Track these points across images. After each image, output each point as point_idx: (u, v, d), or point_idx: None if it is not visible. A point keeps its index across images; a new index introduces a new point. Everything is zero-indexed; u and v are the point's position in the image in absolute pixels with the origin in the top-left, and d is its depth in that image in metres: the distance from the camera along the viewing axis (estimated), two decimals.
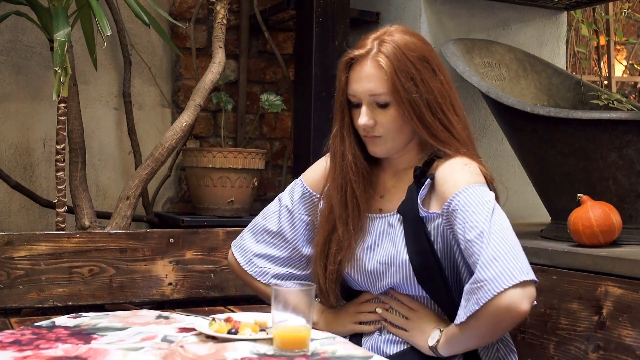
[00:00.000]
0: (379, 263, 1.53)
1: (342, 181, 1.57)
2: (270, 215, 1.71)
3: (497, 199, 1.49)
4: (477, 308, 1.32)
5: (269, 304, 1.39)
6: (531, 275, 1.32)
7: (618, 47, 4.13)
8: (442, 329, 1.47)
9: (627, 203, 2.01)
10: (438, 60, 1.55)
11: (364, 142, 1.57)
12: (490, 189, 1.47)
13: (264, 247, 1.69)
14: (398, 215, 1.53)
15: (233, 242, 1.75)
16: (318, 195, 1.65)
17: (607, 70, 3.99)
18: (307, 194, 1.67)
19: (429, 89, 1.49)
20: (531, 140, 2.14)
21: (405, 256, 1.49)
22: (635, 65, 4.21)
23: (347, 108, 1.56)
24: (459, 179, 1.45)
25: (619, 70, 4.12)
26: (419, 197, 1.49)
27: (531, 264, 1.88)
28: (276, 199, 1.73)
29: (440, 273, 1.48)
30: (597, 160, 2.00)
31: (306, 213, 1.67)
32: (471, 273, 1.38)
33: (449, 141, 1.51)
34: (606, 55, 3.99)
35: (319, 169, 1.68)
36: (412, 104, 1.48)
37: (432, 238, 1.48)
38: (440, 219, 1.47)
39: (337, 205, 1.58)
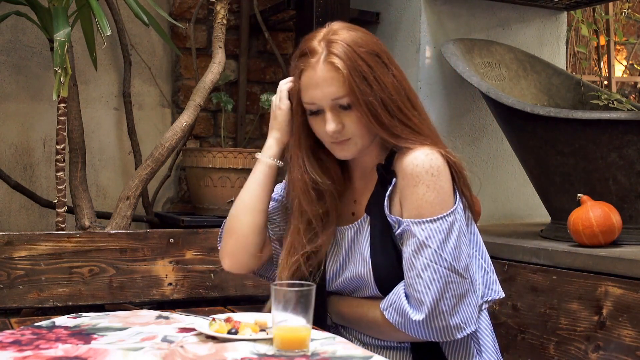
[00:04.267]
0: (346, 279, 1.54)
1: (294, 199, 1.55)
2: None
3: (467, 187, 1.48)
4: (409, 336, 1.43)
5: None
6: (472, 327, 1.42)
7: (618, 47, 4.13)
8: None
9: (627, 203, 2.01)
10: (387, 52, 1.49)
11: (329, 149, 1.50)
12: (456, 186, 1.45)
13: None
14: (368, 218, 1.51)
15: None
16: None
17: (607, 70, 3.98)
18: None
19: (383, 86, 1.43)
20: (531, 140, 2.14)
21: (369, 266, 1.48)
22: (635, 65, 4.21)
23: (300, 117, 1.50)
24: (420, 199, 1.42)
25: (619, 70, 4.12)
26: (385, 199, 1.47)
27: (531, 264, 1.91)
28: None
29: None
30: (597, 160, 2.00)
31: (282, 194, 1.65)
32: None
33: (410, 137, 1.45)
34: (606, 55, 3.99)
35: None
36: (368, 106, 1.42)
37: (399, 243, 1.46)
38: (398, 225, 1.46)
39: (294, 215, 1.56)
